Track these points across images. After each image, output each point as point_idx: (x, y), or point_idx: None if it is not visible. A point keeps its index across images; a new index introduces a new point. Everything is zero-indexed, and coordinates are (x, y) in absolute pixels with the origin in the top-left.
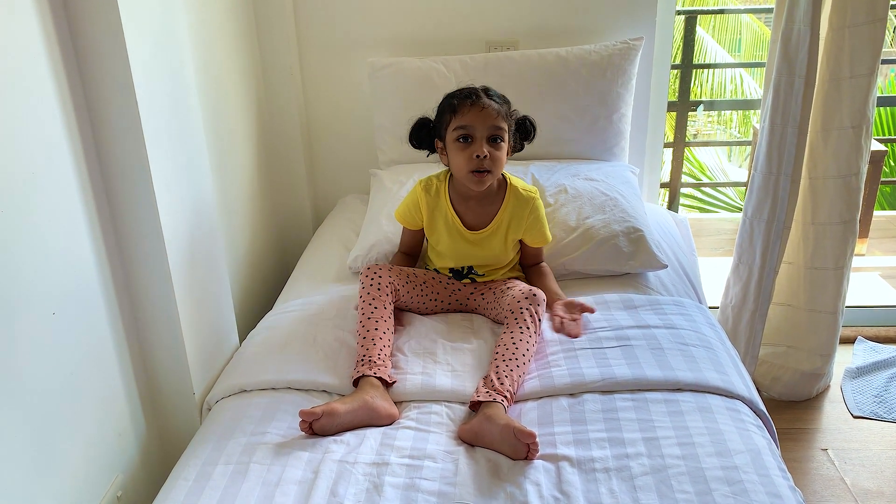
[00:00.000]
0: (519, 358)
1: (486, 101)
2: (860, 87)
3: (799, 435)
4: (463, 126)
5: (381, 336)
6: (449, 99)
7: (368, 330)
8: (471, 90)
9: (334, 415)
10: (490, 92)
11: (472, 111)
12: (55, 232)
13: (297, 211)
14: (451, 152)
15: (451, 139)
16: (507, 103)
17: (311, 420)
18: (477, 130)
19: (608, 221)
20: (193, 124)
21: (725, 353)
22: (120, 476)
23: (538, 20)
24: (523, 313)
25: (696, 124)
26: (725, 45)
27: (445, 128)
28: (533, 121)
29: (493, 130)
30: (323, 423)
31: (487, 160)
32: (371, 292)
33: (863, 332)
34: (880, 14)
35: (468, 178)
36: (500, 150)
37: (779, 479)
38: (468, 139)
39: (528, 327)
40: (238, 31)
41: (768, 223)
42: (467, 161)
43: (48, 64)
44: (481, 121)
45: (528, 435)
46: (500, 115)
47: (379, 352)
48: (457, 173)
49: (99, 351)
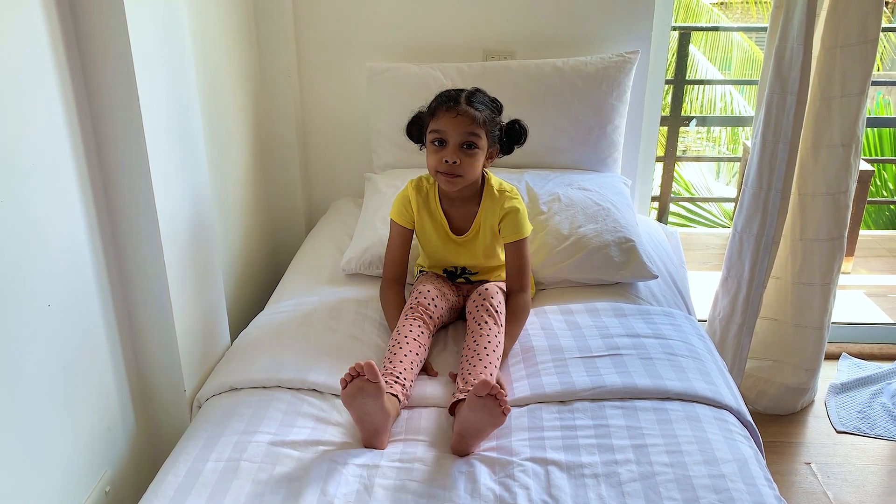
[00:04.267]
0: (480, 352)
1: (463, 108)
2: (851, 106)
3: (783, 448)
4: (437, 130)
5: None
6: (434, 100)
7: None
8: (452, 94)
9: (374, 395)
10: (473, 97)
11: (447, 116)
12: (53, 224)
13: (291, 212)
14: (427, 152)
15: (428, 140)
16: (495, 108)
17: (357, 374)
18: (450, 136)
19: (600, 231)
20: (193, 122)
21: (713, 364)
22: (108, 471)
23: (535, 31)
24: (479, 310)
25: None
26: (716, 63)
27: (426, 128)
28: (523, 124)
29: (466, 137)
30: (364, 388)
31: (457, 165)
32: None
33: (847, 349)
34: (871, 35)
35: (438, 178)
36: (473, 157)
37: (765, 488)
38: (442, 143)
39: (486, 321)
40: (237, 33)
41: (757, 238)
42: (437, 163)
43: (51, 57)
44: (454, 127)
45: (483, 386)
46: (475, 122)
47: (403, 369)
48: (430, 172)
49: (92, 345)
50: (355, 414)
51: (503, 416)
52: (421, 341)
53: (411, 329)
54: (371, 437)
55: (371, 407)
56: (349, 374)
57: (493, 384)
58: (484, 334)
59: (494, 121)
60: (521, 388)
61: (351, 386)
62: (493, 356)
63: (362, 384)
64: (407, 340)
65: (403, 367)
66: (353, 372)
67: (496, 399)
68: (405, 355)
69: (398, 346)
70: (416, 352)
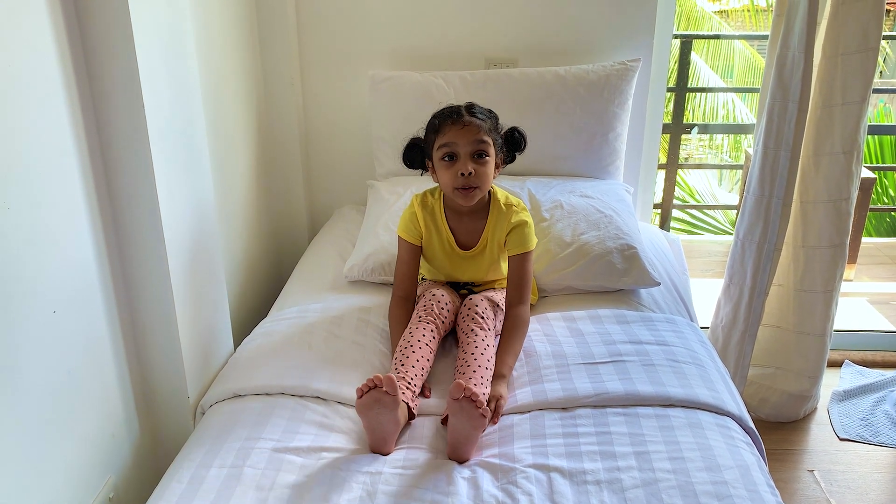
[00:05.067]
0: (471, 362)
1: (467, 119)
2: (852, 113)
3: (786, 456)
4: (446, 144)
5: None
6: (433, 119)
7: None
8: (452, 109)
9: (390, 406)
10: (473, 109)
11: (454, 129)
12: (58, 231)
13: (294, 220)
14: (438, 171)
15: (437, 158)
16: (493, 118)
17: (374, 385)
18: (460, 147)
19: (602, 238)
20: (197, 130)
21: (716, 371)
22: (112, 477)
23: (537, 39)
24: (465, 321)
25: (688, 148)
26: (718, 71)
27: (432, 147)
28: (522, 131)
29: (476, 146)
30: (381, 399)
31: (473, 177)
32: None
33: (850, 356)
34: (872, 44)
35: (455, 194)
36: (486, 166)
37: (767, 495)
38: (453, 157)
39: (472, 329)
40: (240, 41)
41: (759, 245)
42: (453, 179)
43: (58, 64)
44: (463, 137)
45: (457, 389)
46: (482, 130)
47: (413, 376)
48: (445, 191)
49: (96, 351)
50: (367, 423)
51: (482, 418)
52: (432, 346)
53: (424, 333)
54: (379, 444)
55: (385, 417)
56: (366, 385)
57: (466, 386)
58: (471, 342)
59: (496, 129)
60: (523, 394)
61: (367, 397)
62: (483, 360)
63: (380, 396)
64: (420, 345)
65: (415, 372)
66: (370, 383)
67: (472, 401)
68: (417, 360)
69: (410, 350)
70: (427, 357)
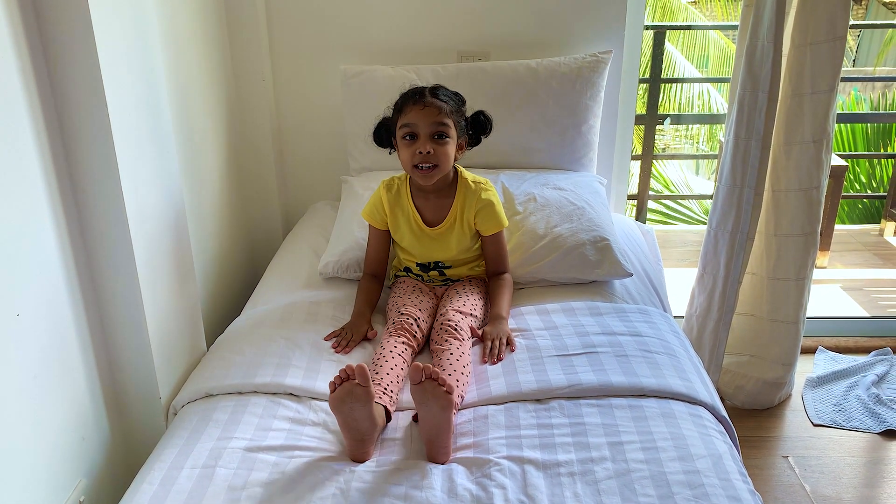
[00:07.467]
0: (446, 368)
1: (429, 100)
2: (821, 102)
3: (761, 442)
4: (407, 124)
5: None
6: (398, 99)
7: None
8: (416, 90)
9: (363, 399)
10: (438, 91)
11: (415, 109)
12: (21, 233)
13: (268, 217)
14: (399, 149)
15: (399, 136)
16: (458, 100)
17: (346, 377)
18: (420, 128)
19: (576, 230)
20: (164, 128)
21: (688, 360)
22: (83, 480)
23: (509, 32)
24: (439, 334)
25: (665, 138)
26: (693, 61)
27: (395, 126)
28: (487, 114)
29: (436, 127)
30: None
31: (431, 155)
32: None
33: (823, 343)
34: (840, 33)
35: (413, 172)
36: (445, 146)
37: (739, 482)
38: (414, 136)
39: (446, 340)
40: (209, 37)
41: (732, 234)
42: (411, 157)
43: (14, 59)
44: (424, 118)
45: (415, 372)
46: (442, 112)
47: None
48: (405, 168)
49: (64, 354)
50: (342, 420)
51: (447, 394)
52: (405, 357)
53: (395, 345)
54: (357, 447)
55: (359, 413)
56: (338, 378)
57: (425, 366)
58: (445, 350)
59: (460, 111)
60: (497, 386)
61: (340, 389)
62: (459, 366)
63: (352, 388)
64: (392, 355)
65: (390, 379)
66: (342, 374)
67: (433, 380)
68: (391, 369)
69: (383, 360)
70: (400, 366)
